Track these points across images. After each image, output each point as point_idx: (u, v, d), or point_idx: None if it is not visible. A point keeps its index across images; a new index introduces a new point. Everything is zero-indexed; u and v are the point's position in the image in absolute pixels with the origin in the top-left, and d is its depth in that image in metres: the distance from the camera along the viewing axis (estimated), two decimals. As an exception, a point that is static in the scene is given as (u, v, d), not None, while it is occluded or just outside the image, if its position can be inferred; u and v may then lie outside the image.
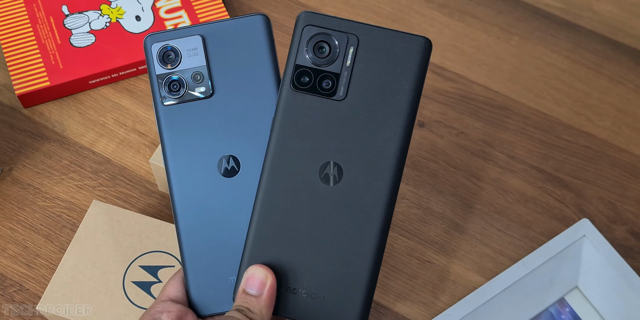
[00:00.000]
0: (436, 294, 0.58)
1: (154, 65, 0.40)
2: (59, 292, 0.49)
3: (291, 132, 0.38)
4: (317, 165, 0.38)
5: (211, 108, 0.40)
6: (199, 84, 0.40)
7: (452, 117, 0.68)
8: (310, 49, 0.38)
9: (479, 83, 0.71)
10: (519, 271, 0.56)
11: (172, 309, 0.38)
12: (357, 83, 0.38)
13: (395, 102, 0.38)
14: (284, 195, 0.38)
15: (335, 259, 0.37)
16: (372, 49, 0.38)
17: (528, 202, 0.64)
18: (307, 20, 0.38)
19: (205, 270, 0.40)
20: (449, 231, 0.62)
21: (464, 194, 0.64)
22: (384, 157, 0.38)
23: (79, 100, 0.66)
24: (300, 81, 0.38)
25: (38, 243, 0.58)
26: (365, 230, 0.37)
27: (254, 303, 0.36)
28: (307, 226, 0.38)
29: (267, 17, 0.40)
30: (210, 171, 0.40)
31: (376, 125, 0.38)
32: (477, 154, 0.66)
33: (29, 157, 0.62)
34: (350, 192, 0.37)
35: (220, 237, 0.40)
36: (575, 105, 0.70)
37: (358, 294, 0.37)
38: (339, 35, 0.38)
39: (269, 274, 0.37)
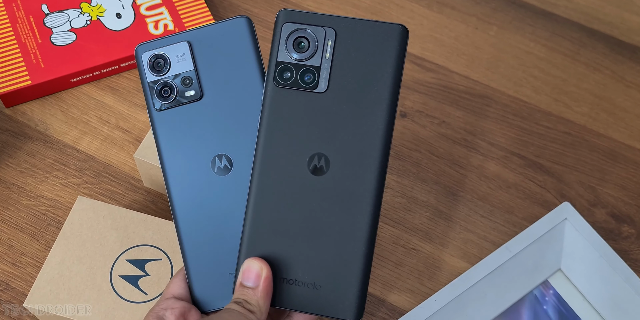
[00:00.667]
0: (422, 280, 0.59)
1: (145, 73, 0.41)
2: (46, 288, 0.49)
3: (278, 127, 0.39)
4: (305, 157, 0.38)
5: (201, 110, 0.41)
6: (189, 87, 0.41)
7: (433, 107, 0.69)
8: (290, 45, 0.39)
9: (458, 73, 0.72)
10: (502, 255, 0.56)
11: (176, 305, 0.39)
12: (338, 75, 0.39)
13: (376, 90, 0.38)
14: (275, 189, 0.38)
15: (328, 248, 0.38)
16: (350, 41, 0.39)
17: (510, 188, 0.64)
18: (285, 18, 0.39)
19: (207, 267, 0.41)
20: (433, 219, 0.62)
21: (447, 182, 0.65)
22: (369, 146, 0.38)
23: (61, 98, 0.66)
24: (282, 77, 0.39)
25: (23, 242, 0.58)
26: (356, 218, 0.38)
27: (251, 295, 0.37)
28: (299, 218, 0.38)
29: (249, 19, 0.42)
30: (205, 171, 0.41)
31: (359, 114, 0.38)
32: (459, 142, 0.67)
33: (12, 156, 0.62)
34: (339, 182, 0.38)
35: (219, 234, 0.41)
36: (554, 92, 0.71)
37: (353, 281, 0.38)
38: (317, 29, 0.39)
39: (264, 265, 0.38)
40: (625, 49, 0.74)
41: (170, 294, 0.40)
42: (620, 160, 0.67)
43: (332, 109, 0.38)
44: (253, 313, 0.37)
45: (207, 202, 0.41)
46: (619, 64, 0.73)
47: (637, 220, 0.63)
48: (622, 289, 0.56)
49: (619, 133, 0.68)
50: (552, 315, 0.56)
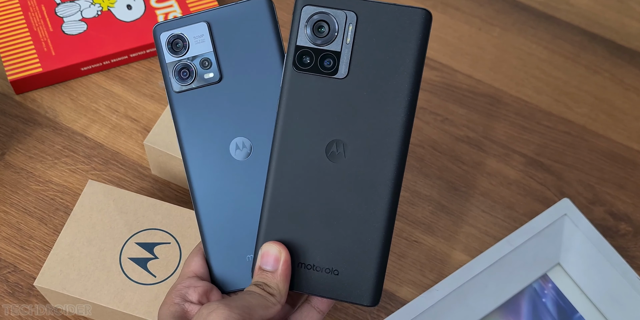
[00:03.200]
0: (424, 272, 0.60)
1: (164, 53, 0.41)
2: (56, 268, 0.50)
3: (296, 112, 0.38)
4: (324, 143, 0.38)
5: (220, 93, 0.41)
6: (207, 69, 0.41)
7: (436, 104, 0.70)
8: (309, 29, 0.38)
9: (462, 72, 0.73)
10: (503, 248, 0.57)
11: (199, 284, 0.39)
12: (359, 60, 0.38)
13: (398, 77, 0.37)
14: (293, 174, 0.38)
15: (346, 233, 0.38)
16: (371, 25, 0.38)
17: (511, 184, 0.66)
18: (305, 0, 0.38)
19: (225, 250, 0.41)
20: (435, 213, 0.63)
21: (450, 177, 0.66)
22: (389, 133, 0.38)
23: (71, 87, 0.67)
24: (302, 62, 0.38)
25: (32, 225, 0.59)
26: (374, 205, 0.38)
27: (270, 278, 0.37)
28: (317, 203, 0.38)
29: (270, 0, 0.41)
30: (224, 154, 0.41)
31: (380, 101, 0.38)
32: (462, 139, 0.68)
33: (21, 142, 0.63)
34: (357, 169, 0.38)
35: (237, 217, 0.41)
36: (555, 93, 0.72)
37: (371, 267, 0.38)
38: (337, 13, 0.38)
39: (283, 249, 0.38)
40: (624, 53, 0.76)
41: (193, 272, 0.40)
42: (619, 160, 0.68)
43: (352, 95, 0.38)
44: (273, 296, 0.37)
45: (225, 185, 0.41)
46: (618, 67, 0.75)
47: (634, 218, 0.65)
48: (619, 283, 0.57)
49: (617, 134, 0.70)
50: (551, 308, 0.57)
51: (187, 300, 0.39)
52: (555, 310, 0.57)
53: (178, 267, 0.51)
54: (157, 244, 0.51)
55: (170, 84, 0.41)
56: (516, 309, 0.57)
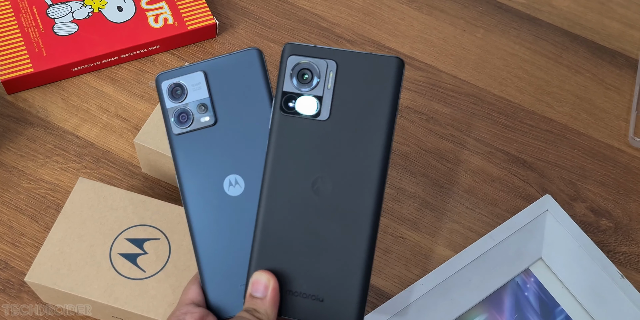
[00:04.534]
0: (409, 267, 0.61)
1: (165, 100, 0.45)
2: (47, 264, 0.51)
3: (284, 151, 0.42)
4: (309, 179, 0.41)
5: (216, 134, 0.44)
6: (204, 113, 0.44)
7: (422, 104, 0.72)
8: (294, 76, 0.42)
9: (446, 72, 0.75)
10: (486, 243, 0.59)
11: (195, 310, 0.42)
12: (339, 104, 0.41)
13: (374, 118, 0.41)
14: (281, 207, 0.41)
15: (330, 262, 0.41)
16: (350, 72, 0.41)
17: (494, 181, 0.67)
18: (290, 51, 0.42)
19: (220, 279, 0.44)
20: (420, 209, 0.65)
21: (435, 174, 0.67)
22: (368, 170, 0.41)
23: (62, 87, 0.68)
24: (287, 106, 0.42)
25: (23, 223, 0.59)
26: (356, 236, 0.41)
27: (259, 304, 0.40)
28: (304, 235, 0.41)
29: (260, 51, 0.45)
30: (219, 190, 0.44)
31: (359, 141, 0.41)
32: (446, 137, 0.70)
33: (12, 141, 0.64)
34: (341, 202, 0.41)
35: (232, 249, 0.44)
36: (537, 93, 0.74)
37: (353, 293, 0.41)
38: (319, 62, 0.42)
39: (271, 277, 0.41)
40: (605, 53, 0.78)
41: (189, 300, 0.43)
42: (600, 158, 0.70)
43: (334, 135, 0.41)
44: None
45: (220, 219, 0.44)
46: (599, 67, 0.76)
47: (614, 214, 0.66)
48: (600, 277, 0.59)
49: (598, 132, 0.72)
50: (533, 302, 0.59)
51: None
52: (537, 304, 0.58)
53: (167, 262, 0.52)
54: (147, 240, 0.52)
55: (170, 127, 0.45)
56: (499, 303, 0.58)
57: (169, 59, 0.71)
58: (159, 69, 0.70)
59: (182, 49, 0.72)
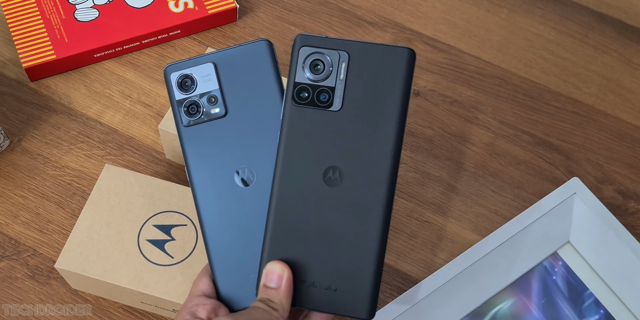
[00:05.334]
0: (435, 251, 0.61)
1: (174, 91, 0.44)
2: (76, 251, 0.51)
3: (296, 142, 0.42)
4: (321, 170, 0.42)
5: (226, 126, 0.44)
6: (214, 105, 0.44)
7: (445, 86, 0.71)
8: (307, 67, 0.42)
9: (470, 54, 0.73)
10: (513, 227, 0.58)
11: (207, 302, 0.42)
12: (351, 94, 0.42)
13: (386, 109, 0.41)
14: (294, 198, 0.42)
15: (343, 253, 0.41)
16: (362, 63, 0.42)
17: (520, 164, 0.66)
18: (302, 42, 0.42)
19: (231, 270, 0.44)
20: (445, 193, 0.64)
21: (459, 158, 0.66)
22: (380, 159, 0.41)
23: (84, 73, 0.67)
24: (300, 96, 0.42)
25: (50, 210, 0.60)
26: (369, 226, 0.41)
27: (274, 294, 0.40)
28: (316, 225, 0.41)
29: (270, 42, 0.45)
30: (229, 182, 0.44)
31: (371, 131, 0.41)
32: (471, 120, 0.69)
33: (37, 128, 0.64)
34: (353, 192, 0.41)
35: (242, 240, 0.44)
36: (563, 74, 0.73)
37: (366, 283, 0.41)
38: (331, 52, 0.42)
39: (285, 268, 0.41)
40: (632, 32, 0.76)
41: (200, 291, 0.43)
42: (627, 139, 0.69)
43: (346, 126, 0.42)
44: (277, 311, 0.40)
45: (231, 211, 0.44)
46: (626, 47, 0.75)
47: (643, 197, 0.65)
48: (630, 260, 0.58)
49: (626, 113, 0.70)
50: (561, 286, 0.58)
51: (197, 317, 0.41)
52: (565, 288, 0.58)
53: (195, 248, 0.52)
54: (174, 226, 0.53)
55: (179, 118, 0.44)
56: (527, 287, 0.58)
57: (189, 43, 0.71)
58: (180, 54, 0.70)
59: (203, 33, 0.71)
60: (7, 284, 0.56)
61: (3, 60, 0.67)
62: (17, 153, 0.62)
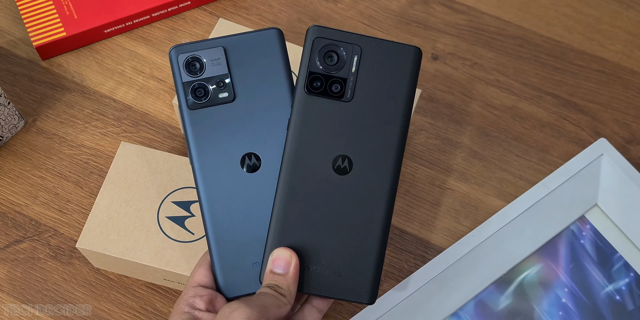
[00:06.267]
0: (459, 219, 0.60)
1: (181, 73, 0.44)
2: (97, 230, 0.51)
3: (306, 130, 0.43)
4: (330, 158, 0.43)
5: (233, 111, 0.44)
6: (222, 89, 0.44)
7: (465, 49, 0.69)
8: (321, 58, 0.43)
9: (489, 14, 0.71)
10: (539, 192, 0.57)
11: (204, 293, 0.42)
12: (362, 86, 0.43)
13: (394, 101, 0.43)
14: (302, 185, 0.42)
15: (348, 239, 0.42)
16: (373, 57, 0.43)
17: (544, 127, 0.64)
18: (316, 33, 0.43)
19: (231, 257, 0.44)
20: (468, 159, 0.63)
21: (481, 122, 0.65)
22: (387, 149, 0.43)
23: (95, 50, 0.66)
24: (313, 85, 0.43)
25: (68, 189, 0.60)
26: (374, 214, 0.43)
27: (282, 280, 0.41)
28: (323, 212, 0.42)
29: (280, 31, 0.45)
30: (234, 167, 0.44)
31: (379, 122, 0.43)
32: (492, 83, 0.67)
33: (51, 107, 0.63)
34: (360, 181, 0.43)
35: (244, 226, 0.44)
36: (587, 31, 0.70)
37: (370, 269, 0.42)
38: (345, 45, 0.43)
39: (293, 254, 0.41)
40: (660, -16, 0.73)
41: (196, 282, 0.43)
42: (656, 97, 0.66)
43: (356, 116, 0.43)
44: (284, 296, 0.40)
45: (234, 197, 0.44)
46: (653, 0, 0.72)
47: (673, 156, 0.63)
48: (660, 222, 0.56)
49: (654, 70, 0.68)
50: (590, 250, 0.57)
51: (196, 308, 0.41)
52: (594, 252, 0.57)
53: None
54: (193, 202, 0.52)
55: (184, 100, 0.44)
56: (554, 252, 0.56)
57: (200, 15, 0.69)
58: (191, 27, 0.69)
59: (213, 4, 0.69)
60: (30, 264, 0.56)
61: (13, 39, 0.66)
62: (32, 133, 0.62)
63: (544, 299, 0.54)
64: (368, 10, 0.71)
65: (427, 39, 0.69)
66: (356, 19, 0.71)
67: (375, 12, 0.71)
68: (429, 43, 0.69)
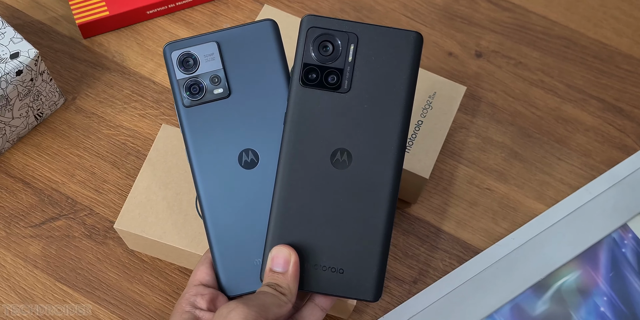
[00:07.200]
0: (497, 220, 0.59)
1: (175, 70, 0.43)
2: (135, 212, 0.50)
3: (303, 123, 0.41)
4: (329, 152, 0.41)
5: (229, 107, 0.43)
6: (217, 85, 0.43)
7: (509, 47, 0.67)
8: (315, 48, 0.42)
9: (536, 13, 0.70)
10: (582, 197, 0.56)
11: (205, 292, 0.42)
12: (359, 76, 0.42)
13: (394, 91, 0.41)
14: (300, 180, 0.41)
15: (350, 235, 0.41)
16: (370, 45, 0.42)
17: (588, 131, 0.63)
18: (310, 23, 0.42)
19: (232, 255, 0.43)
20: (508, 160, 0.62)
21: (523, 123, 0.64)
22: (387, 141, 0.41)
23: (137, 31, 0.66)
24: (308, 77, 0.42)
25: (105, 169, 0.59)
26: (376, 208, 0.41)
27: (281, 279, 0.40)
28: (322, 207, 0.41)
29: (275, 22, 0.44)
30: (232, 164, 0.43)
31: (379, 113, 0.41)
32: (536, 83, 0.66)
33: (90, 86, 0.63)
34: (360, 175, 0.41)
35: (244, 223, 0.43)
36: (635, 35, 0.68)
37: (373, 265, 0.41)
38: (340, 34, 0.42)
39: (292, 252, 0.40)
40: None
41: (198, 281, 0.43)
42: None
43: (354, 107, 0.41)
44: (285, 295, 0.39)
45: (233, 194, 0.43)
46: None
47: None
48: (703, 234, 0.55)
49: (703, 78, 0.66)
50: (631, 258, 0.56)
51: (197, 307, 0.41)
52: (635, 261, 0.56)
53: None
54: (232, 189, 0.51)
55: (180, 98, 0.43)
56: (594, 259, 0.55)
57: (243, 0, 0.68)
58: (233, 12, 0.68)
59: (257, -11, 0.69)
60: (65, 242, 0.56)
61: (56, 16, 0.66)
62: (71, 111, 0.62)
63: (582, 306, 0.54)
64: (412, 2, 0.70)
65: (471, 36, 0.68)
66: (399, 12, 0.69)
67: (419, 5, 0.70)
68: (473, 39, 0.68)
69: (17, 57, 0.53)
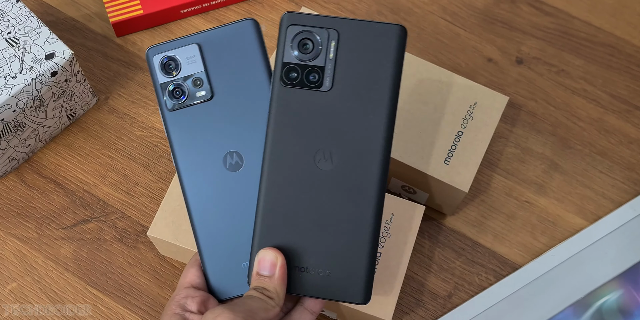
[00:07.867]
0: (535, 234, 0.57)
1: (157, 75, 0.43)
2: (168, 219, 0.50)
3: (285, 124, 0.40)
4: (312, 152, 0.40)
5: (212, 109, 0.43)
6: (200, 88, 0.43)
7: (551, 54, 0.66)
8: (295, 47, 0.41)
9: (580, 18, 0.67)
10: (626, 214, 0.54)
11: (196, 294, 0.41)
12: (342, 74, 0.40)
13: (378, 88, 0.40)
14: (285, 182, 0.40)
15: (336, 237, 0.40)
16: (352, 41, 0.40)
17: (632, 144, 0.61)
18: (289, 20, 0.40)
19: (221, 258, 0.42)
20: (548, 172, 0.60)
21: (564, 133, 0.62)
22: (372, 141, 0.40)
23: (170, 30, 0.65)
24: (289, 77, 0.41)
25: (137, 172, 0.59)
26: (362, 210, 0.40)
27: (268, 282, 0.39)
28: (308, 209, 0.40)
29: (256, 21, 0.43)
30: (217, 167, 0.43)
31: (363, 111, 0.40)
32: (578, 92, 0.64)
33: (123, 86, 0.62)
34: (345, 175, 0.40)
35: (232, 226, 0.42)
36: (684, 44, 0.66)
37: (361, 267, 0.40)
38: (320, 31, 0.40)
39: (278, 255, 0.39)
40: None
41: (188, 283, 0.42)
42: None
43: (337, 106, 0.40)
44: (272, 299, 0.39)
45: (219, 197, 0.43)
46: None
47: None
48: None
49: None
50: (673, 278, 0.54)
51: (187, 310, 0.40)
52: (678, 281, 0.54)
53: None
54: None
55: (163, 102, 0.43)
56: (636, 279, 0.54)
57: (278, 0, 0.67)
58: (267, 12, 0.66)
59: (294, -11, 0.67)
60: (97, 245, 0.56)
61: (89, 13, 0.65)
62: (104, 111, 0.61)
63: (623, 327, 0.52)
64: (451, 5, 0.68)
65: (512, 41, 0.66)
66: (438, 15, 0.68)
67: (458, 9, 0.68)
68: (514, 45, 0.66)
69: (52, 58, 0.53)
